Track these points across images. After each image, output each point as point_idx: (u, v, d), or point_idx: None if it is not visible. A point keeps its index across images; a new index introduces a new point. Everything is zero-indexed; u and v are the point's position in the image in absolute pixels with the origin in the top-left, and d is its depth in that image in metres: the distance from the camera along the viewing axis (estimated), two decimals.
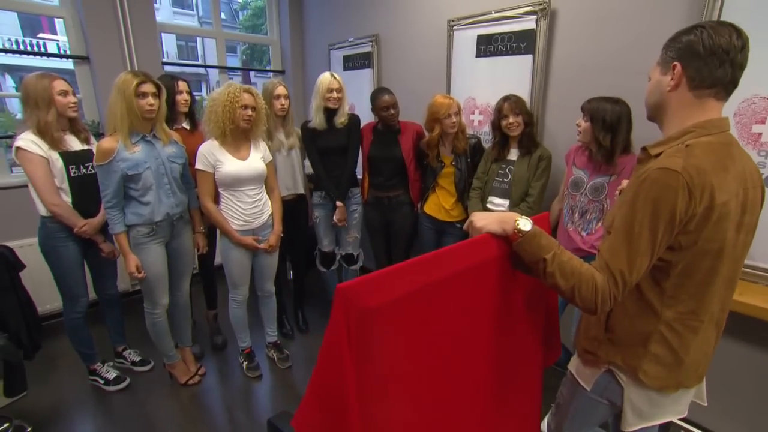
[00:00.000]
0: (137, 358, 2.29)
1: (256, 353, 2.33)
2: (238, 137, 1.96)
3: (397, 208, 2.39)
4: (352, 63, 3.21)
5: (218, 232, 2.13)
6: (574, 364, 1.05)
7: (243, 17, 13.78)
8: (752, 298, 1.49)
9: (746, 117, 1.53)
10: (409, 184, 2.35)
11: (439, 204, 2.20)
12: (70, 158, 1.85)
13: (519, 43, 2.11)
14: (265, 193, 2.11)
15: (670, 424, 1.82)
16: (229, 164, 1.94)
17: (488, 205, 2.05)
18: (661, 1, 1.68)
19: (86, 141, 1.97)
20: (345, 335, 0.65)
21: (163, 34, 3.07)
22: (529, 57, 2.08)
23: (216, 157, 1.92)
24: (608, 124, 1.57)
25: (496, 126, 1.98)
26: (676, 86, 0.84)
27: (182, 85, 2.19)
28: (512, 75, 2.15)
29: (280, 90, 2.22)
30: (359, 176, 2.54)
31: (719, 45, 0.78)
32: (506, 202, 1.98)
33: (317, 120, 2.31)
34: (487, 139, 2.34)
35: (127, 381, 2.15)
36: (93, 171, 1.86)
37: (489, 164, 2.06)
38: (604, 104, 1.60)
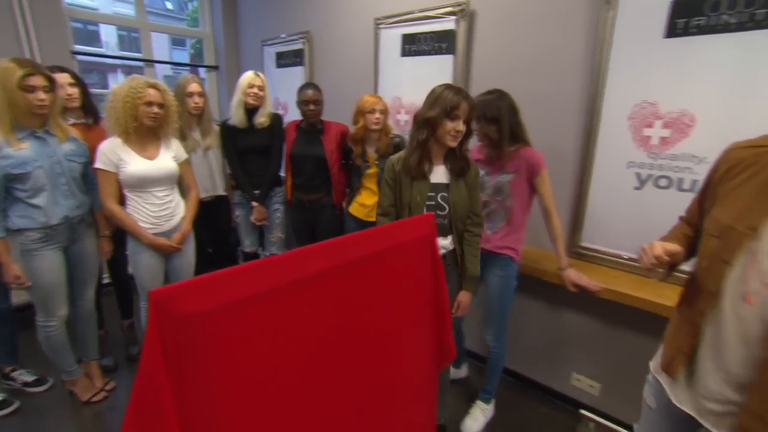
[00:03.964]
0: (31, 378, 2.07)
1: None
2: (144, 135, 1.83)
3: (319, 210, 2.36)
4: (284, 60, 3.12)
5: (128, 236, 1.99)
6: None
7: (191, 8, 13.20)
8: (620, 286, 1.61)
9: (637, 120, 1.61)
10: (333, 185, 2.31)
11: (363, 204, 2.17)
12: None
13: (440, 43, 2.12)
14: (178, 195, 1.99)
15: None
16: (135, 164, 1.80)
17: None
18: (566, 8, 1.74)
19: None
20: (159, 345, 0.60)
21: (102, 25, 2.84)
22: (451, 57, 2.09)
23: (119, 156, 1.78)
24: (490, 117, 1.60)
25: (428, 125, 1.39)
26: None
27: (62, 78, 1.93)
28: (435, 74, 2.16)
29: (194, 87, 2.11)
30: (283, 176, 2.48)
31: None
32: (447, 240, 1.51)
33: (237, 117, 2.24)
34: None
35: (16, 404, 1.93)
36: None
37: (406, 185, 1.45)
38: (483, 98, 1.63)
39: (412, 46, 2.25)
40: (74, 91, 2.00)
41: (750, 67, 1.36)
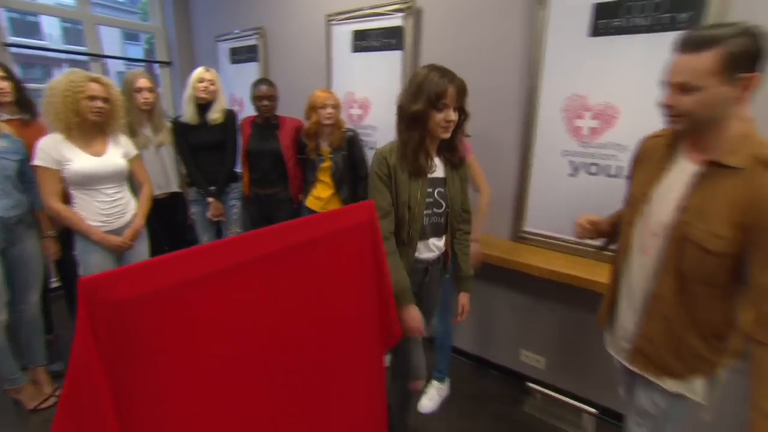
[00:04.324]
0: None
1: None
2: (88, 131, 1.78)
3: (277, 204, 2.38)
4: (239, 56, 3.09)
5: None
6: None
7: (143, 1, 12.62)
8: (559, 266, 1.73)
9: (570, 112, 1.74)
10: (289, 180, 2.34)
11: (318, 197, 2.21)
12: None
13: (390, 40, 2.18)
14: (129, 192, 1.94)
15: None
16: (80, 161, 1.75)
17: (417, 254, 1.35)
18: (505, 6, 1.84)
19: None
20: (91, 334, 0.61)
21: (43, 16, 2.68)
22: (400, 53, 2.16)
23: (62, 153, 1.72)
24: None
25: (416, 120, 1.23)
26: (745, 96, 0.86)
27: None
28: (386, 70, 2.22)
29: (143, 82, 2.07)
30: (240, 171, 2.47)
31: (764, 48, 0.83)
32: (441, 241, 1.41)
33: (188, 113, 2.23)
34: (366, 134, 2.40)
35: None
36: None
37: (403, 181, 1.27)
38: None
39: (363, 42, 2.30)
40: (5, 85, 1.92)
41: (658, 64, 1.50)
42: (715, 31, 0.84)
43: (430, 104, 1.18)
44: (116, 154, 1.85)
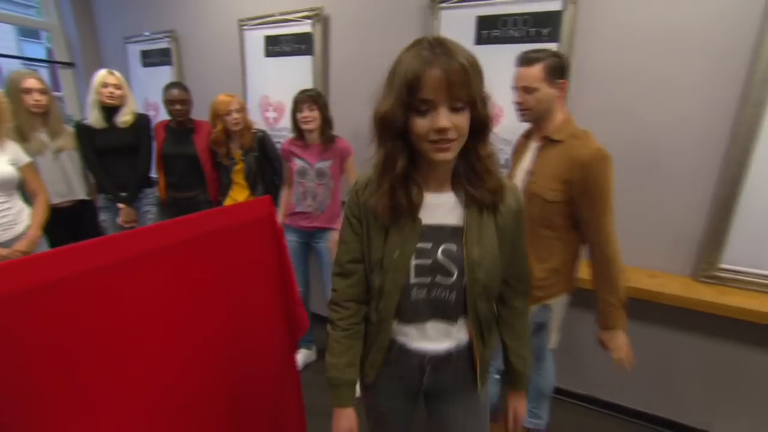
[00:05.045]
0: None
1: None
2: None
3: (194, 207, 2.32)
4: (151, 59, 2.99)
5: None
6: None
7: None
8: None
9: None
10: (207, 183, 2.33)
11: (235, 199, 2.22)
12: None
13: (300, 45, 2.27)
14: (20, 201, 1.83)
15: None
16: None
17: (405, 340, 0.94)
18: (405, 15, 2.00)
19: None
20: None
21: None
22: (310, 58, 2.25)
23: None
24: (325, 103, 1.94)
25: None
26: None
27: None
28: (297, 75, 2.30)
29: (31, 83, 1.95)
30: (155, 177, 2.41)
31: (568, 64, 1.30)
32: (454, 328, 1.18)
33: (92, 117, 2.14)
34: (282, 135, 2.45)
35: None
36: None
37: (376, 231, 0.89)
38: (314, 90, 1.95)
39: (275, 47, 2.35)
40: None
41: None
42: (539, 53, 1.26)
43: (402, 103, 0.71)
44: (2, 161, 1.73)
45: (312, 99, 1.90)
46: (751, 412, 1.70)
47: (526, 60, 1.26)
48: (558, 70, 1.25)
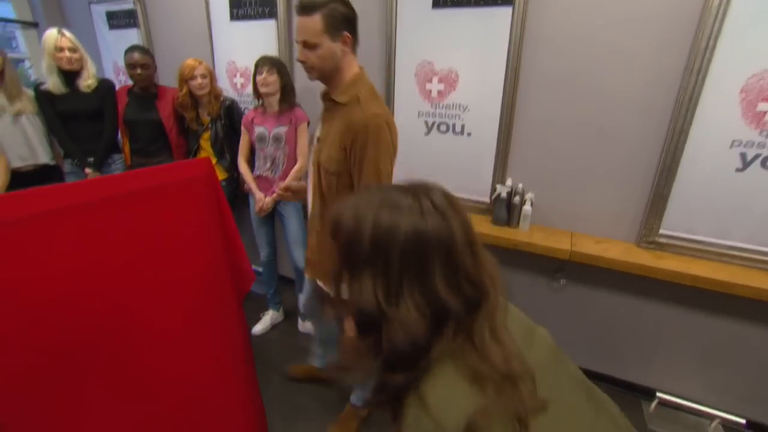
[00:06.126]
0: None
1: None
2: None
3: None
4: (117, 21, 2.90)
5: None
6: None
7: None
8: None
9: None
10: (172, 149, 2.33)
11: None
12: None
13: (263, 8, 2.22)
14: None
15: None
16: None
17: None
18: None
19: None
20: None
21: None
22: (273, 22, 2.21)
23: None
24: (285, 70, 1.95)
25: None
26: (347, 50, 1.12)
27: None
28: (261, 39, 2.27)
29: None
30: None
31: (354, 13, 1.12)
32: None
33: (51, 82, 2.10)
34: (249, 102, 2.44)
35: None
36: None
37: None
38: (273, 57, 1.96)
39: (240, 10, 2.31)
40: None
41: (484, 35, 1.74)
42: None
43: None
44: None
45: (272, 62, 1.89)
46: (685, 367, 1.82)
47: (301, 7, 1.07)
48: (340, 21, 1.07)
